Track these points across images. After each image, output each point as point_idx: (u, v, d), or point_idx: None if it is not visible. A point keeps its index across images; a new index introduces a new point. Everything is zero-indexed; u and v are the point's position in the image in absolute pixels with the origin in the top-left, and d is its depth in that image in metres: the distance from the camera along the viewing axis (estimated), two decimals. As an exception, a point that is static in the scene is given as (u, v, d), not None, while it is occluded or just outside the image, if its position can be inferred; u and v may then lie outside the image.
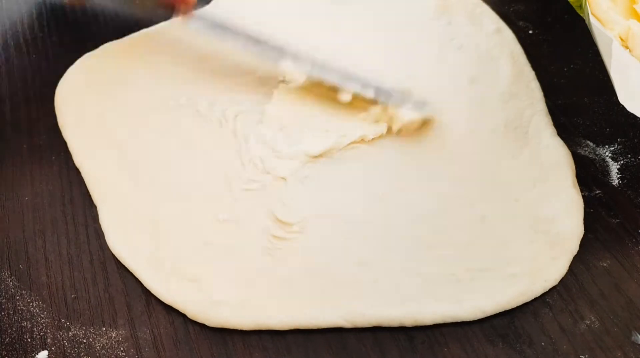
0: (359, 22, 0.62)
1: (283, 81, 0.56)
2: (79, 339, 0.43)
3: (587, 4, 0.48)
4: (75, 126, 0.54)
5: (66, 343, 0.43)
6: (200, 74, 0.58)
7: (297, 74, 0.55)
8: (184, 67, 0.58)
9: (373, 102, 0.54)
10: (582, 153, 0.52)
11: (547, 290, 0.44)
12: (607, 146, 0.53)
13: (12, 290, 0.46)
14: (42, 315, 0.44)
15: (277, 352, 0.42)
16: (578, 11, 0.52)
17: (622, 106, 0.44)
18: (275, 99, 0.55)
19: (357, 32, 0.61)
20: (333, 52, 0.59)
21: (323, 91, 0.55)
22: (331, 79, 0.54)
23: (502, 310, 0.43)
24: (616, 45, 0.45)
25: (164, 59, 0.59)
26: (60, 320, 0.44)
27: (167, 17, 0.63)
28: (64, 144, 0.54)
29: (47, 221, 0.49)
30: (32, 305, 0.45)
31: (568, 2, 0.53)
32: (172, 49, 0.60)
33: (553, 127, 0.53)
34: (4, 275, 0.46)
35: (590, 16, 0.48)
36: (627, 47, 0.47)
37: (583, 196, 0.49)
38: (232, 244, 0.47)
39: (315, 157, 0.51)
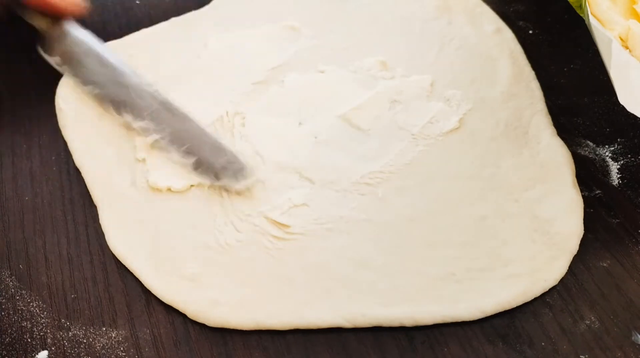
0: (358, 21, 0.62)
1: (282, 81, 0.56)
2: (79, 339, 0.43)
3: (587, 4, 0.48)
4: (75, 126, 0.54)
5: (66, 343, 0.43)
6: (200, 74, 0.58)
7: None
8: (183, 67, 0.58)
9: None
10: (582, 153, 0.52)
11: (547, 290, 0.44)
12: (607, 146, 0.53)
13: (12, 290, 0.46)
14: (42, 315, 0.44)
15: (277, 352, 0.42)
16: (578, 11, 0.52)
17: (622, 106, 0.44)
18: (268, 98, 0.55)
19: (357, 32, 0.61)
20: (332, 52, 0.59)
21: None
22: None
23: (502, 310, 0.43)
24: (616, 45, 0.45)
25: (163, 59, 0.59)
26: (60, 320, 0.44)
27: (166, 18, 0.63)
28: (64, 144, 0.54)
29: (47, 221, 0.49)
30: (32, 305, 0.45)
31: (568, 2, 0.53)
32: (171, 49, 0.60)
33: (553, 128, 0.53)
34: (4, 275, 0.46)
35: (590, 16, 0.48)
36: (627, 47, 0.47)
37: (583, 196, 0.49)
38: (232, 244, 0.46)
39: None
